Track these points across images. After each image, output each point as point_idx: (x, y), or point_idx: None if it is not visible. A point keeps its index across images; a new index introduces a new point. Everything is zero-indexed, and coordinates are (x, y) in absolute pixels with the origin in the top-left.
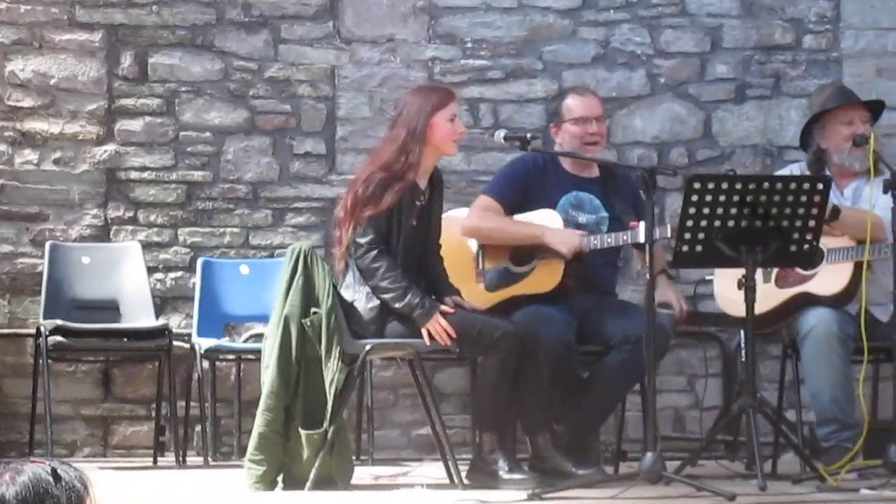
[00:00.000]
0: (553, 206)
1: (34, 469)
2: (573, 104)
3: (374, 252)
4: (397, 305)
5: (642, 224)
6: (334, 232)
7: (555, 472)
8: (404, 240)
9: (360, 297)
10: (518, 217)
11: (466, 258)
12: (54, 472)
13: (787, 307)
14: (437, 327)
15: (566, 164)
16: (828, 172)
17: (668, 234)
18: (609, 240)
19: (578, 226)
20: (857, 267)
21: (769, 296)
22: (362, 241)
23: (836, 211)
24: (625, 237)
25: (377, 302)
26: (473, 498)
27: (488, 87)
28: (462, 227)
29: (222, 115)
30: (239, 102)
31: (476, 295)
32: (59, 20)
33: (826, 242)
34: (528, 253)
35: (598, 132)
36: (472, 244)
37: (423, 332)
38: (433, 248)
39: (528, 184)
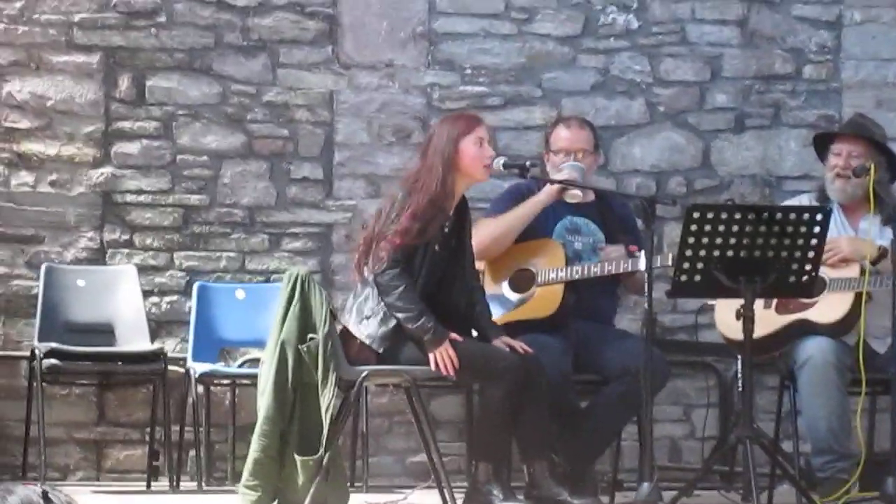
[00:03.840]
0: (549, 232)
1: (25, 491)
2: (559, 134)
3: (396, 270)
4: (410, 326)
5: (643, 253)
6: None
7: (551, 501)
8: (428, 265)
9: (378, 313)
10: (518, 245)
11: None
12: (45, 495)
13: (786, 333)
14: (444, 356)
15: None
16: (838, 207)
17: (669, 263)
18: (610, 267)
19: (575, 251)
20: (858, 297)
21: (768, 321)
22: (384, 255)
23: (885, 253)
24: (626, 265)
25: (392, 323)
26: None
27: (487, 114)
28: (476, 253)
29: (219, 138)
30: (236, 126)
31: None
32: (56, 42)
33: (828, 272)
34: (528, 279)
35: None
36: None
37: (430, 357)
38: (467, 274)
39: None
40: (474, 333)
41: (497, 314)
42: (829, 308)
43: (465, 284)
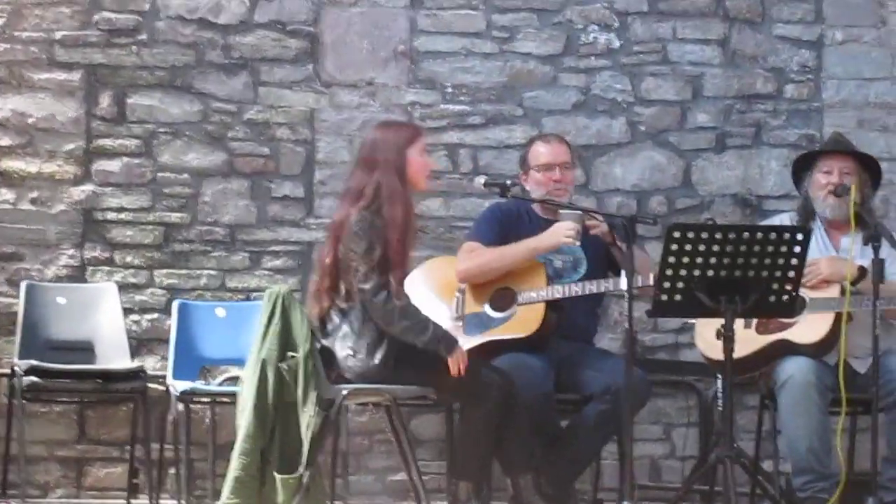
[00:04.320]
0: None
1: None
2: (538, 151)
3: (384, 294)
4: (422, 338)
5: (622, 275)
6: (323, 279)
7: None
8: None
9: (360, 350)
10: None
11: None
12: None
13: (766, 353)
14: (461, 357)
15: (538, 209)
16: (820, 225)
17: (651, 282)
18: (591, 287)
19: (555, 269)
20: (838, 318)
21: (749, 341)
22: (367, 286)
23: (864, 273)
24: (607, 284)
25: (384, 352)
26: None
27: (468, 133)
28: (457, 273)
29: (200, 156)
30: (217, 144)
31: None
32: (38, 59)
33: (808, 292)
34: (509, 299)
35: (562, 179)
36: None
37: (450, 361)
38: None
39: (505, 228)
40: None
41: (478, 333)
42: (809, 328)
43: None
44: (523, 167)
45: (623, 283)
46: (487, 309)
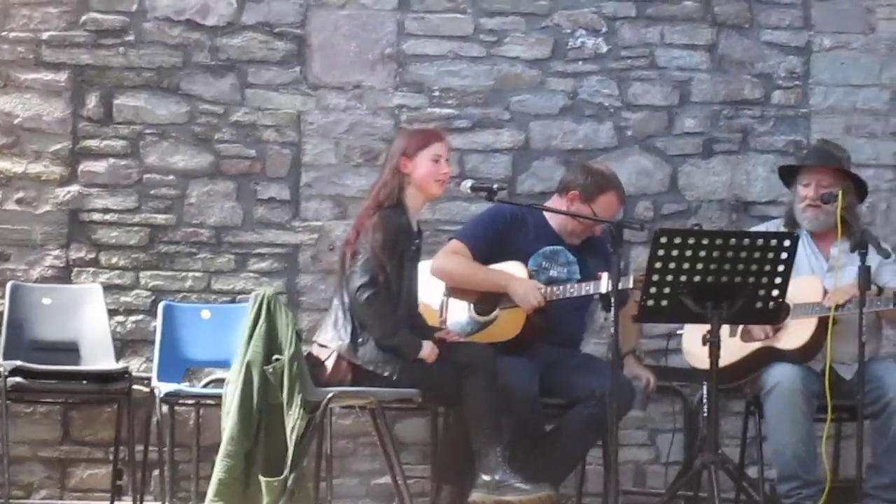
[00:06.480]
0: (527, 255)
1: None
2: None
3: (367, 294)
4: (392, 341)
5: (605, 275)
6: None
7: (502, 486)
8: (407, 284)
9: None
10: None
11: (431, 308)
12: None
13: (752, 361)
14: (431, 352)
15: (553, 221)
16: (806, 233)
17: (631, 285)
18: (572, 290)
19: (549, 279)
20: (821, 322)
21: (734, 349)
22: (357, 283)
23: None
24: (587, 287)
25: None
26: None
27: (455, 137)
28: (431, 268)
29: (187, 158)
30: (204, 146)
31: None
32: (25, 59)
33: (792, 297)
34: (492, 302)
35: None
36: (438, 292)
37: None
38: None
39: (504, 235)
40: None
41: (461, 336)
42: (793, 334)
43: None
44: (584, 199)
45: (604, 285)
46: (471, 311)
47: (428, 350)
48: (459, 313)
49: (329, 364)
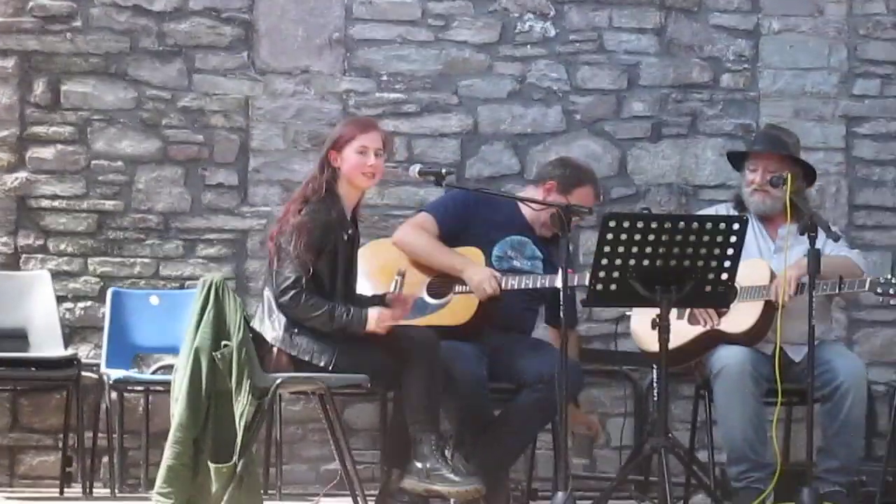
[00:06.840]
0: (493, 242)
1: None
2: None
3: (290, 294)
4: (332, 327)
5: (560, 272)
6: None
7: (431, 474)
8: (342, 275)
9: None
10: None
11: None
12: None
13: (698, 344)
14: (382, 319)
15: (527, 212)
16: (755, 217)
17: (586, 282)
18: (527, 281)
19: (512, 268)
20: (768, 305)
21: (682, 332)
22: (281, 284)
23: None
24: (543, 281)
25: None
26: None
27: (403, 121)
28: (393, 237)
29: (135, 144)
30: (151, 132)
31: None
32: None
33: (739, 280)
34: (446, 286)
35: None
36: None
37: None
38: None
39: (474, 215)
40: None
41: (412, 318)
42: (739, 318)
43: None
44: (560, 190)
45: (558, 280)
46: (424, 294)
47: (375, 316)
48: (413, 293)
49: (270, 355)
